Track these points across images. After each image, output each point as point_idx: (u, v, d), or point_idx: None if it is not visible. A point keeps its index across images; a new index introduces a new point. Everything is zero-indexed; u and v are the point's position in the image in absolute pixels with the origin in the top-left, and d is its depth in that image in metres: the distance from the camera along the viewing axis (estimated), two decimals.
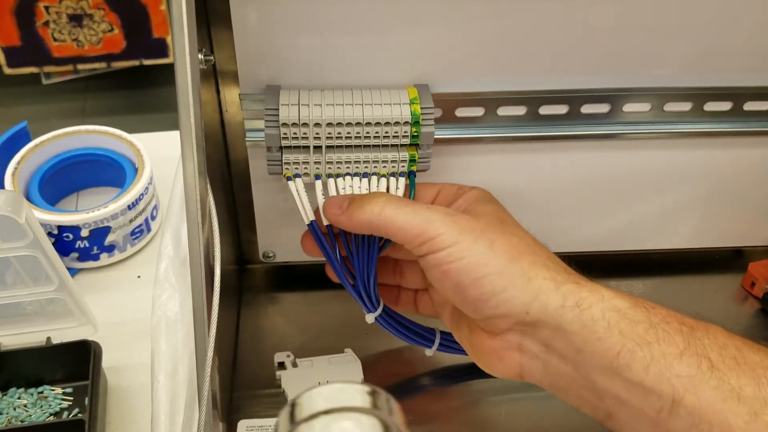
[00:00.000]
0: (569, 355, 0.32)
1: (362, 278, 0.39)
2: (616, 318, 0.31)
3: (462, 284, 0.33)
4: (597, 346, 0.31)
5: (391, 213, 0.35)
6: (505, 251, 0.33)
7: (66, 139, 0.57)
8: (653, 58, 0.42)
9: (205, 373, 0.32)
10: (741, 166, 0.47)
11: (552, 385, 0.34)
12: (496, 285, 0.33)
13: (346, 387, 0.23)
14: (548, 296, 0.32)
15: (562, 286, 0.32)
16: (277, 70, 0.40)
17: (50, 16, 1.48)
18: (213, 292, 0.33)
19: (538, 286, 0.32)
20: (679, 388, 0.29)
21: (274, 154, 0.40)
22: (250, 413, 0.44)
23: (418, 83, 0.41)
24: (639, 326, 0.31)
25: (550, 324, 0.32)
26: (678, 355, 0.30)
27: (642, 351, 0.30)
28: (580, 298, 0.32)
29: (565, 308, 0.32)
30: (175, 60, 0.31)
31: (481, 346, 0.35)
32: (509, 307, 0.33)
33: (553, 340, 0.32)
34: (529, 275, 0.33)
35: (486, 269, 0.33)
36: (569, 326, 0.31)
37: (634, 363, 0.30)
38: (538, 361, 0.33)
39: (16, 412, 0.45)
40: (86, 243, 0.52)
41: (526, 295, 0.32)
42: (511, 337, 0.34)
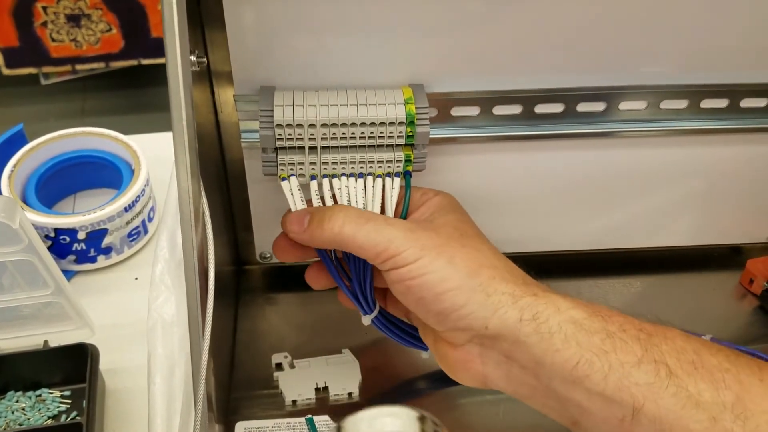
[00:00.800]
0: (529, 366, 0.32)
1: (358, 280, 0.39)
2: (572, 329, 0.31)
3: (424, 299, 0.34)
4: (556, 358, 0.31)
5: (351, 232, 0.35)
6: (464, 266, 0.34)
7: (62, 142, 0.57)
8: (649, 56, 0.42)
9: (200, 376, 0.32)
10: (738, 163, 0.47)
11: (515, 392, 0.34)
12: (456, 300, 0.33)
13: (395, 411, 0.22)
14: (506, 311, 0.33)
15: (520, 300, 0.33)
16: (271, 70, 0.40)
17: (48, 17, 1.48)
18: (207, 294, 0.33)
19: (497, 300, 0.33)
20: (638, 396, 0.30)
21: (269, 155, 0.40)
22: (248, 414, 0.44)
23: (413, 83, 0.41)
24: (595, 336, 0.31)
25: (509, 338, 0.32)
26: (636, 364, 0.30)
27: (600, 361, 0.31)
28: (537, 311, 0.32)
29: (522, 322, 0.32)
30: (167, 62, 0.31)
31: (445, 355, 0.36)
32: (469, 321, 0.33)
33: (513, 352, 0.33)
34: (488, 290, 0.33)
35: (446, 285, 0.33)
36: (527, 339, 0.32)
37: (592, 373, 0.30)
38: (500, 371, 0.34)
39: (15, 415, 0.45)
40: (83, 245, 0.52)
41: (485, 311, 0.33)
42: (471, 349, 0.34)
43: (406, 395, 0.46)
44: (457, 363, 0.35)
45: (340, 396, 0.45)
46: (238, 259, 0.53)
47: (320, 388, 0.45)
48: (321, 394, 0.45)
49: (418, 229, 0.36)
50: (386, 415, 0.22)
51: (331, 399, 0.45)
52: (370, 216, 0.36)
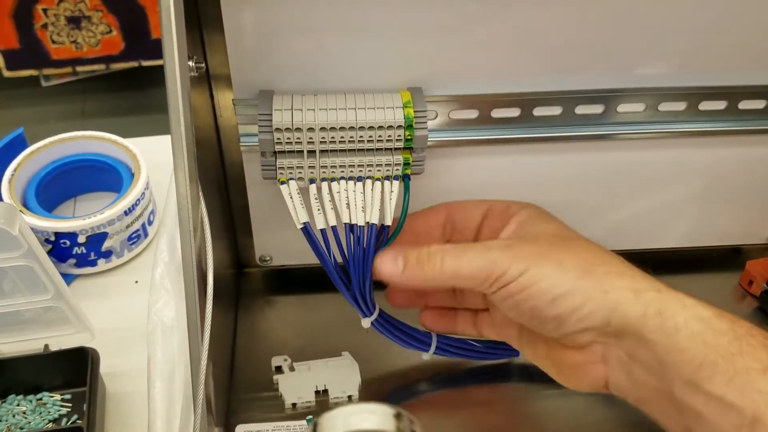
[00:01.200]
0: (652, 366, 0.31)
1: (358, 282, 0.39)
2: (699, 327, 0.30)
3: (537, 308, 0.33)
4: (679, 357, 0.30)
5: (454, 265, 0.34)
6: (574, 267, 0.33)
7: (62, 145, 0.57)
8: (647, 58, 0.42)
9: (199, 379, 0.32)
10: (737, 164, 0.47)
11: (637, 397, 0.33)
12: (572, 303, 0.32)
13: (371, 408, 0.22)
14: (628, 306, 0.31)
15: (642, 294, 0.32)
16: (270, 74, 0.40)
17: (48, 19, 1.48)
18: (206, 298, 0.33)
19: (616, 297, 0.32)
20: (761, 404, 0.28)
21: (268, 158, 0.40)
22: (248, 417, 0.44)
23: (412, 86, 0.41)
24: (723, 337, 0.30)
25: (632, 334, 0.31)
26: (762, 371, 0.29)
27: (725, 363, 0.29)
28: (662, 306, 0.31)
29: (647, 317, 0.31)
30: (165, 68, 0.31)
31: (563, 361, 0.35)
32: (589, 321, 0.32)
33: (636, 349, 0.32)
34: (605, 287, 0.32)
35: (559, 289, 0.32)
36: (652, 335, 0.31)
37: (715, 376, 0.29)
38: (622, 372, 0.33)
39: (15, 419, 0.45)
40: (83, 249, 0.52)
41: (605, 308, 0.32)
42: (594, 349, 0.33)
43: (406, 398, 0.46)
44: (578, 367, 0.34)
45: (340, 399, 0.45)
46: (238, 262, 0.53)
47: (320, 391, 0.45)
48: (321, 397, 0.45)
49: (516, 244, 0.35)
50: (362, 412, 0.22)
51: (331, 402, 0.45)
52: (467, 246, 0.35)
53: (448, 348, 0.43)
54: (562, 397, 0.46)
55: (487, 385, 0.46)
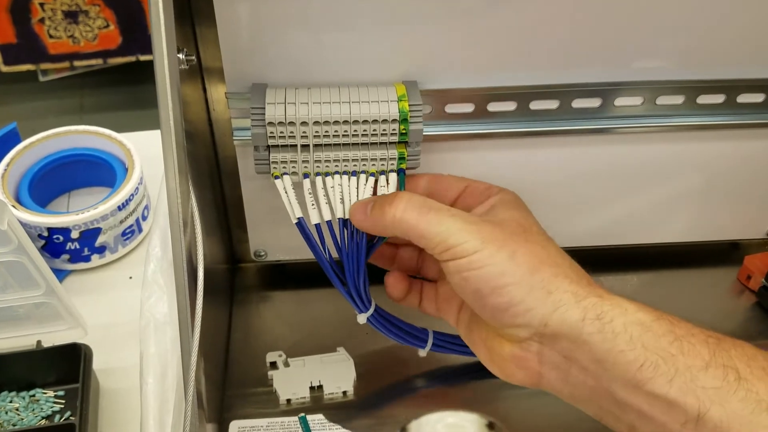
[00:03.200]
0: (590, 367, 0.31)
1: (353, 277, 0.39)
2: (638, 331, 0.30)
3: (481, 292, 0.33)
4: (619, 359, 0.30)
5: (413, 219, 0.35)
6: (525, 262, 0.33)
7: (56, 140, 0.56)
8: (645, 51, 0.41)
9: (190, 375, 0.32)
10: (735, 158, 0.47)
11: (572, 395, 0.33)
12: (514, 296, 0.32)
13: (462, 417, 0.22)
14: (568, 309, 0.32)
15: (584, 300, 0.32)
16: (263, 68, 0.40)
17: (45, 13, 1.48)
18: (196, 294, 0.33)
19: (558, 298, 0.32)
20: (705, 400, 0.29)
21: (261, 153, 0.40)
22: (242, 413, 0.44)
23: (407, 80, 0.41)
24: (663, 339, 0.30)
25: (570, 336, 0.31)
26: (703, 367, 0.29)
27: (666, 364, 0.30)
28: (601, 311, 0.31)
29: (585, 321, 0.31)
30: (154, 60, 0.31)
31: (499, 351, 0.35)
32: (528, 318, 0.32)
33: (573, 351, 0.32)
34: (549, 288, 0.32)
35: (505, 279, 0.33)
36: (590, 338, 0.31)
37: (657, 376, 0.29)
38: (558, 371, 0.33)
39: (8, 416, 0.44)
40: (77, 245, 0.52)
41: (545, 308, 0.32)
42: (530, 346, 0.33)
43: (401, 394, 0.46)
44: (513, 360, 0.34)
45: (335, 395, 0.45)
46: (233, 257, 0.52)
47: (315, 387, 0.45)
48: (315, 392, 0.45)
49: (481, 222, 0.35)
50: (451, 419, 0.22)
51: (326, 398, 0.45)
52: (433, 205, 0.35)
53: (444, 344, 0.43)
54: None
55: (483, 382, 0.46)
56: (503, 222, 0.36)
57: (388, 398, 0.45)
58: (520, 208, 0.38)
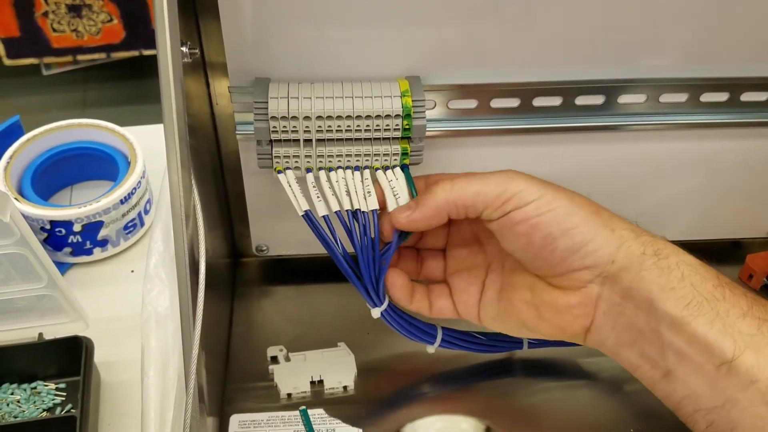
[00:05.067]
0: (643, 306, 0.33)
1: (368, 272, 0.38)
2: (688, 271, 0.33)
3: (552, 235, 0.34)
4: (670, 295, 0.32)
5: (464, 183, 0.35)
6: (585, 204, 0.35)
7: (58, 133, 0.56)
8: (649, 49, 0.41)
9: (191, 369, 0.32)
10: (738, 157, 0.47)
11: (618, 340, 0.34)
12: (585, 235, 0.34)
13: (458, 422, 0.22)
14: (631, 244, 0.33)
15: (641, 236, 0.34)
16: (266, 62, 0.40)
17: (49, 7, 1.48)
18: (198, 287, 0.33)
19: (621, 235, 0.34)
20: (740, 344, 0.30)
21: (264, 147, 0.40)
22: (243, 407, 0.44)
23: (410, 75, 0.40)
24: (708, 282, 0.32)
25: (632, 271, 0.33)
26: (741, 315, 0.31)
27: (709, 305, 0.31)
28: (658, 248, 0.33)
29: (645, 256, 0.33)
30: (158, 53, 0.31)
31: (551, 304, 0.35)
32: (597, 257, 0.34)
33: (632, 289, 0.33)
34: (611, 226, 0.34)
35: (574, 220, 0.34)
36: (648, 273, 0.33)
37: (700, 316, 0.31)
38: (610, 314, 0.34)
39: (9, 407, 0.45)
40: (79, 238, 0.52)
41: (612, 244, 0.34)
42: (590, 291, 0.34)
43: (401, 389, 0.45)
44: (567, 310, 0.35)
45: (336, 389, 0.45)
46: (235, 252, 0.52)
47: (315, 382, 0.45)
48: (316, 387, 0.45)
49: (527, 175, 0.36)
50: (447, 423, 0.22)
51: (326, 392, 0.45)
52: (473, 173, 0.37)
53: (452, 341, 0.43)
54: (563, 390, 0.45)
55: (487, 379, 0.46)
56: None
57: (388, 393, 0.45)
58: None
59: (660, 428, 0.43)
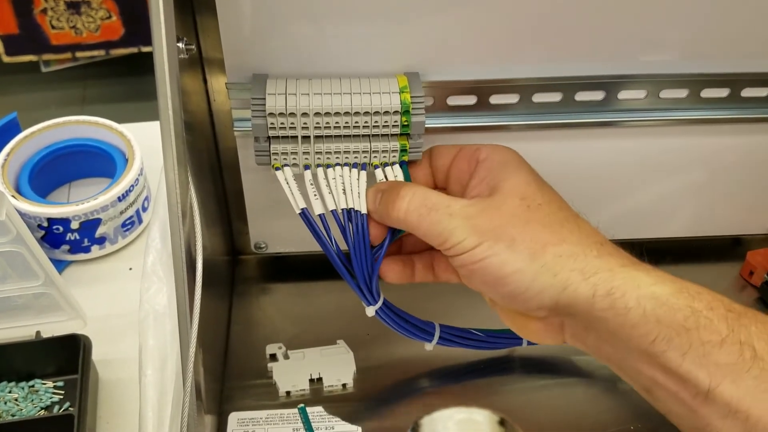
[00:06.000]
0: (607, 339, 0.32)
1: (362, 271, 0.38)
2: (652, 305, 0.31)
3: (487, 283, 0.34)
4: (632, 333, 0.31)
5: (415, 221, 0.36)
6: (525, 248, 0.33)
7: (56, 130, 0.56)
8: (649, 44, 0.41)
9: (188, 367, 0.32)
10: (739, 153, 0.47)
11: (596, 356, 0.34)
12: (520, 283, 0.33)
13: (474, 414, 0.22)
14: (577, 287, 0.32)
15: (592, 276, 0.32)
16: (264, 58, 0.39)
17: (48, 4, 1.47)
18: (195, 285, 0.32)
19: (565, 278, 0.32)
20: (716, 375, 0.29)
21: (261, 144, 0.39)
22: (241, 405, 0.44)
23: (408, 71, 0.40)
24: (679, 314, 0.30)
25: (582, 312, 0.32)
26: (719, 343, 0.29)
27: (680, 338, 0.30)
28: (612, 286, 0.32)
29: (596, 298, 0.32)
30: (153, 49, 0.31)
31: (525, 326, 0.36)
32: (538, 301, 0.33)
33: (590, 324, 0.32)
34: (554, 270, 0.33)
35: (507, 268, 0.33)
36: (602, 314, 0.31)
37: (670, 350, 0.30)
38: (578, 340, 0.34)
39: (7, 406, 0.44)
40: (77, 235, 0.52)
41: (553, 290, 0.33)
42: (551, 320, 0.34)
43: (401, 387, 0.45)
44: (539, 332, 0.35)
45: (334, 387, 0.45)
46: (233, 249, 0.52)
47: (314, 379, 0.45)
48: (315, 385, 0.45)
49: (477, 214, 0.35)
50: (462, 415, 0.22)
51: (325, 390, 0.44)
52: (433, 205, 0.36)
53: (451, 338, 0.43)
54: (563, 387, 0.45)
55: (486, 376, 0.46)
56: (503, 200, 0.35)
57: (387, 391, 0.45)
58: (520, 168, 0.37)
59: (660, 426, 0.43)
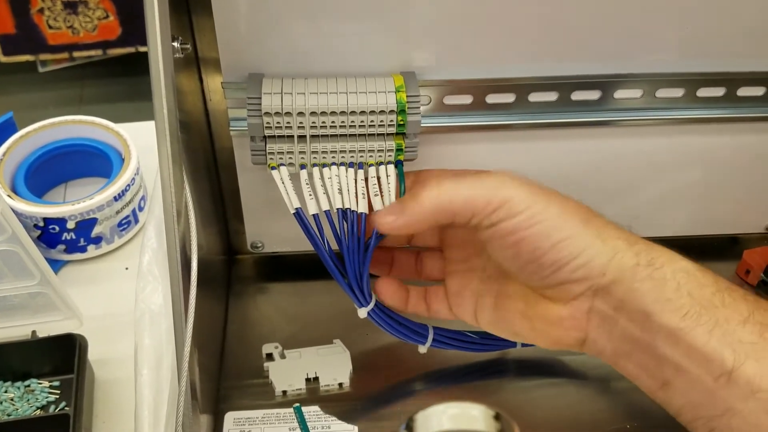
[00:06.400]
0: (637, 318, 0.32)
1: (353, 270, 0.38)
2: (685, 279, 0.31)
3: (540, 249, 0.32)
4: (666, 307, 0.31)
5: (452, 188, 0.33)
6: (577, 214, 0.33)
7: (52, 130, 0.56)
8: (645, 44, 0.41)
9: (183, 366, 0.32)
10: (735, 152, 0.47)
11: (615, 351, 0.33)
12: (574, 248, 0.32)
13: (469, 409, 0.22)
14: (624, 255, 0.32)
15: (635, 245, 0.32)
16: (260, 57, 0.39)
17: (45, 3, 1.47)
18: (190, 285, 0.32)
19: (614, 245, 0.32)
20: (740, 353, 0.29)
21: (257, 143, 0.39)
22: (238, 405, 0.44)
23: (405, 71, 0.40)
24: (707, 289, 0.31)
25: (624, 283, 0.32)
26: (742, 322, 0.30)
27: (707, 314, 0.30)
28: (652, 257, 0.32)
29: (638, 267, 0.32)
30: (148, 49, 0.31)
31: (544, 316, 0.34)
32: (588, 269, 0.32)
33: (624, 301, 0.32)
34: (603, 236, 0.33)
35: (563, 233, 0.32)
36: (641, 285, 0.31)
37: (698, 326, 0.30)
38: (604, 327, 0.33)
39: (3, 405, 0.44)
40: (73, 235, 0.52)
41: (604, 256, 0.32)
42: (582, 303, 0.33)
43: (397, 386, 0.45)
44: (560, 322, 0.34)
45: (331, 386, 0.45)
46: (230, 249, 0.52)
47: (311, 379, 0.45)
48: (311, 384, 0.45)
49: (521, 177, 0.34)
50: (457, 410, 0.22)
51: (322, 390, 0.44)
52: (460, 172, 0.35)
53: (445, 340, 0.42)
54: (557, 388, 0.45)
55: (482, 376, 0.46)
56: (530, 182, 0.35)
57: (384, 390, 0.45)
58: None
59: (655, 425, 0.43)
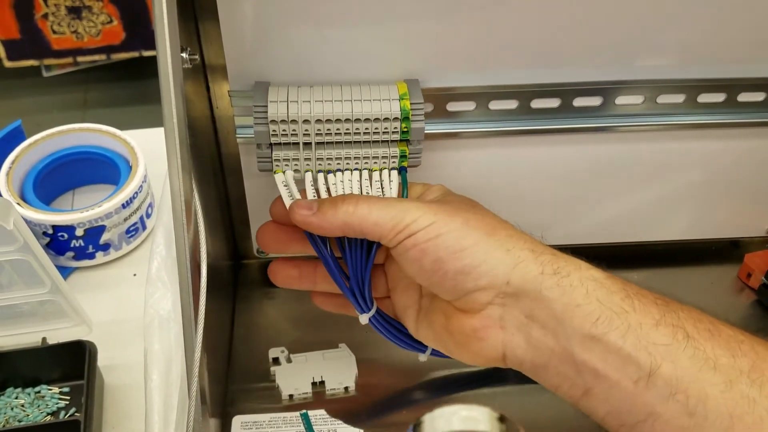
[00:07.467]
0: (549, 325, 0.32)
1: (356, 277, 0.39)
2: (593, 286, 0.32)
3: (441, 259, 0.33)
4: (576, 313, 0.31)
5: (365, 210, 0.35)
6: (480, 227, 0.34)
7: (60, 138, 0.57)
8: (646, 50, 0.41)
9: (193, 371, 0.32)
10: (736, 157, 0.47)
11: (533, 362, 0.33)
12: (475, 257, 0.33)
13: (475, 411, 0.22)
14: (527, 264, 0.33)
15: (541, 255, 0.33)
16: (266, 66, 0.40)
17: (49, 9, 1.48)
18: (200, 290, 0.33)
19: (517, 255, 0.33)
20: (656, 355, 0.30)
21: (263, 150, 0.40)
22: (245, 408, 0.44)
23: (408, 78, 0.41)
24: (616, 295, 0.31)
25: (530, 292, 0.32)
26: (654, 325, 0.30)
27: (619, 319, 0.31)
28: (558, 266, 0.33)
29: (544, 276, 0.32)
30: (158, 58, 0.31)
31: (460, 329, 0.35)
32: (490, 278, 0.33)
33: (534, 309, 0.32)
34: (507, 246, 0.33)
35: (464, 242, 0.33)
36: (549, 293, 0.32)
37: (611, 331, 0.30)
38: (519, 336, 0.33)
39: (14, 411, 0.45)
40: (81, 242, 0.52)
41: (506, 265, 0.33)
42: (491, 312, 0.33)
43: (402, 390, 0.46)
44: (475, 333, 0.34)
45: (337, 390, 0.45)
46: (236, 254, 0.53)
47: (317, 383, 0.45)
48: (317, 388, 0.45)
49: (430, 202, 0.36)
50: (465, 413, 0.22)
51: (328, 393, 0.45)
52: (380, 198, 0.37)
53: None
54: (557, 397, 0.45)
55: (488, 381, 0.46)
56: (449, 201, 0.37)
57: (389, 394, 0.45)
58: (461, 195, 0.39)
59: None
